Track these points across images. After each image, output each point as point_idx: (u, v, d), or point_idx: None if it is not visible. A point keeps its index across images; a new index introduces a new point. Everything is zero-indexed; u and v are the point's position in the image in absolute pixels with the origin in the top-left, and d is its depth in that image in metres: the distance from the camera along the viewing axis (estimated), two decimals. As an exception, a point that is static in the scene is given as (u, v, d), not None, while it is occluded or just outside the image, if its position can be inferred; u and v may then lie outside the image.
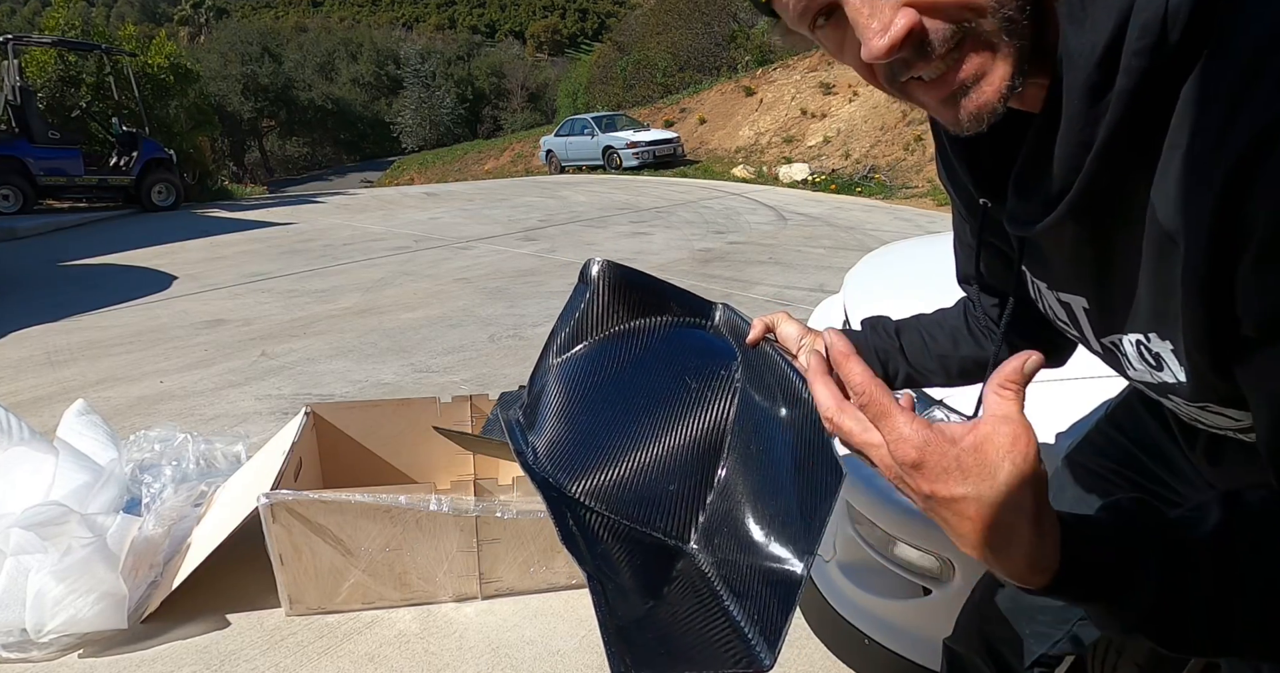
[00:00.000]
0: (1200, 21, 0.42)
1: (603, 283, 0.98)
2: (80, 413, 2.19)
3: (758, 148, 14.29)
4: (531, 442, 0.90)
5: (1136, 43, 0.44)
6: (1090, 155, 0.49)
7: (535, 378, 0.98)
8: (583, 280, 0.98)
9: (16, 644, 1.61)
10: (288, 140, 40.20)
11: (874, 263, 2.10)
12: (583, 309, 0.98)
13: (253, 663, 1.62)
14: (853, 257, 5.02)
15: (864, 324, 1.00)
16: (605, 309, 0.98)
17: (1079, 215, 0.53)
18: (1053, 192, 0.53)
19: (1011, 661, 1.13)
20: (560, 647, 1.65)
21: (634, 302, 1.00)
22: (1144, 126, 0.46)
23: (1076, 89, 0.47)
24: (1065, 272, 0.62)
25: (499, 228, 7.85)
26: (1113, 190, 0.50)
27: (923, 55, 0.51)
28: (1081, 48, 0.46)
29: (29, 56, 10.99)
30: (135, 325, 4.42)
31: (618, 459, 0.87)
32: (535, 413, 0.93)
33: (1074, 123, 0.49)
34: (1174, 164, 0.46)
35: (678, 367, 0.96)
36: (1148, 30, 0.44)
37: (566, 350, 0.97)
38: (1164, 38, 0.43)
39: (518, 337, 4.01)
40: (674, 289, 1.03)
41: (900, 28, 0.49)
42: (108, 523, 1.72)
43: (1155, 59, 0.44)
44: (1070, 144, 0.50)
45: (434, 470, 2.13)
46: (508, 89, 41.92)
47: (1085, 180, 0.50)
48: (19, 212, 9.43)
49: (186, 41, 43.33)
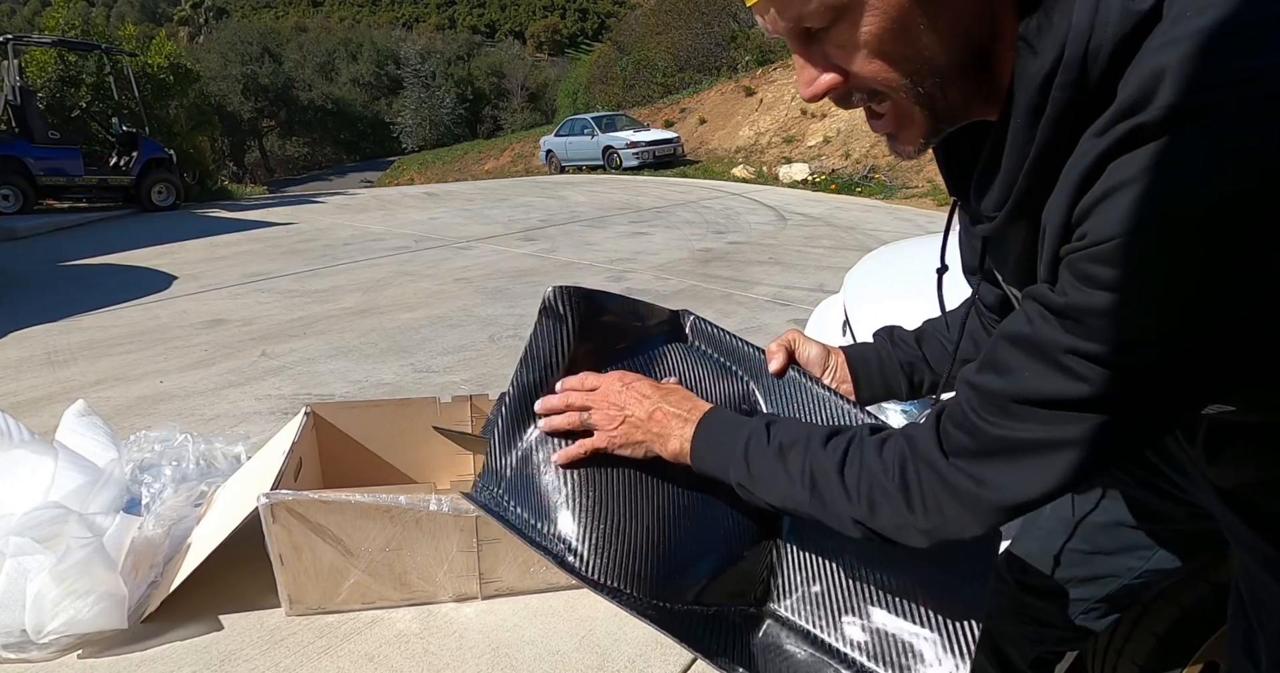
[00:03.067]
0: (1119, 62, 0.46)
1: (572, 315, 0.86)
2: (80, 414, 2.19)
3: (758, 148, 14.29)
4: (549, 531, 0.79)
5: (1062, 77, 0.49)
6: (1023, 169, 0.53)
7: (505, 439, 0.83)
8: (549, 315, 0.86)
9: (16, 645, 1.61)
10: (288, 140, 40.22)
11: (874, 263, 2.10)
12: (555, 348, 0.85)
13: (253, 663, 1.62)
14: (853, 257, 5.02)
15: (879, 336, 1.00)
16: (585, 345, 0.87)
17: (1017, 220, 0.58)
18: (998, 198, 0.58)
19: (1014, 657, 1.13)
20: (560, 647, 1.65)
21: (607, 329, 0.90)
22: (1069, 147, 0.50)
23: (1021, 108, 0.52)
24: (1015, 268, 0.67)
25: (499, 228, 7.85)
26: (1043, 200, 0.54)
27: (845, 102, 0.60)
28: (1029, 71, 0.51)
29: (29, 56, 10.98)
30: (135, 325, 4.42)
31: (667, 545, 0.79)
32: (532, 490, 0.80)
33: (1017, 138, 0.54)
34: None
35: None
36: (1070, 66, 0.48)
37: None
38: (1084, 76, 0.48)
39: (518, 337, 4.01)
40: (640, 306, 0.95)
41: (821, 85, 0.59)
42: (107, 523, 1.72)
43: (1076, 92, 0.48)
44: (1013, 157, 0.54)
45: (434, 470, 2.13)
46: (508, 89, 41.92)
47: (1020, 191, 0.55)
48: (19, 212, 9.41)
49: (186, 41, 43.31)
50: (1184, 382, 0.50)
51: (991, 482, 0.57)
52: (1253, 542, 0.70)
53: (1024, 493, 0.57)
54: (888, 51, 0.55)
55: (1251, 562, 0.72)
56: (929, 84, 0.56)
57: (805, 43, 0.59)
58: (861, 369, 0.96)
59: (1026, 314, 0.54)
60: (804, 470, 0.68)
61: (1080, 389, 0.51)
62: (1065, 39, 0.48)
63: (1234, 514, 0.71)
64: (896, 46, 0.54)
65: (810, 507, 0.68)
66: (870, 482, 0.64)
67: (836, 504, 0.66)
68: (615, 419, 0.79)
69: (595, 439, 0.80)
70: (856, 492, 0.64)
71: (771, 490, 0.71)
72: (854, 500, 0.64)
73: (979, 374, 0.58)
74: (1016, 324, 0.55)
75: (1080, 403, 0.51)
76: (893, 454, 0.63)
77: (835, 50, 0.57)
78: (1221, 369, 0.49)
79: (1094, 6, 0.47)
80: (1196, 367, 0.49)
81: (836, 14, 0.54)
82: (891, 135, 0.62)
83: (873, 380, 0.95)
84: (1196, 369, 0.49)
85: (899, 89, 0.56)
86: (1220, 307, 0.45)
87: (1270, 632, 0.73)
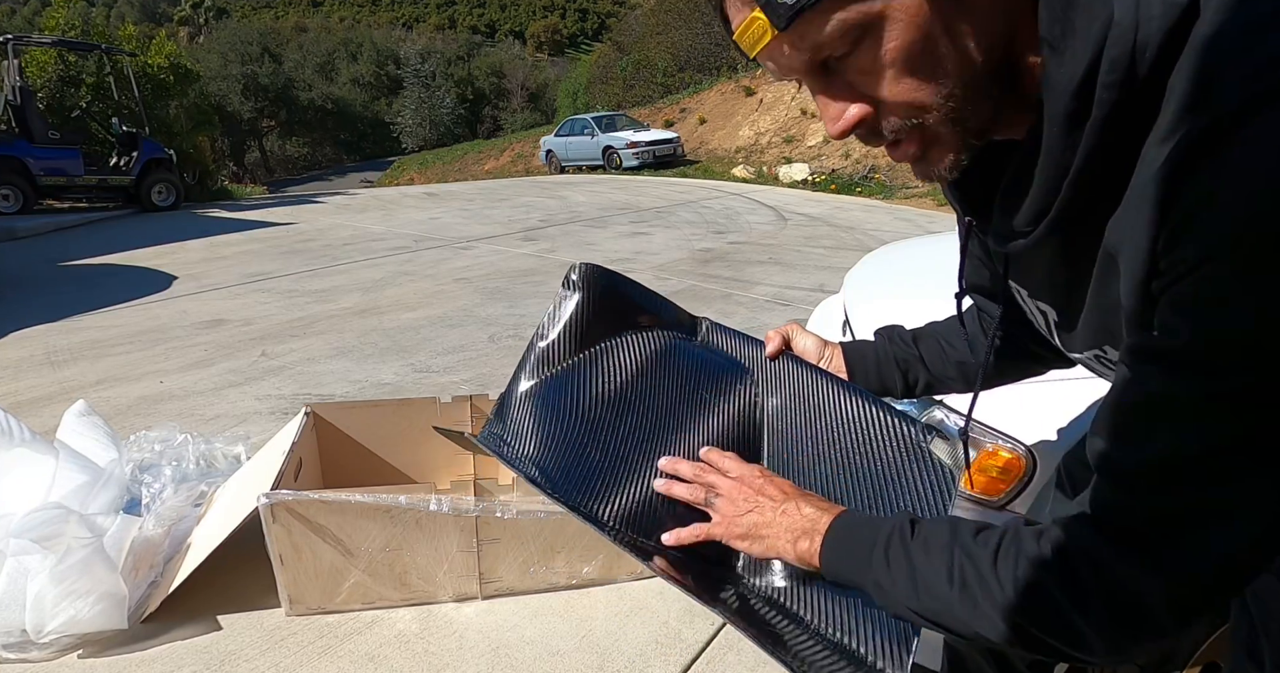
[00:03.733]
0: (1168, 57, 0.45)
1: (591, 290, 0.94)
2: (81, 414, 2.19)
3: (758, 148, 14.29)
4: (542, 465, 0.84)
5: (1107, 76, 0.47)
6: (1067, 180, 0.51)
7: (518, 390, 0.91)
8: (569, 286, 0.94)
9: (16, 645, 1.61)
10: (288, 140, 40.22)
11: (874, 263, 2.10)
12: (572, 316, 0.93)
13: (252, 663, 1.62)
14: (853, 257, 5.01)
15: (879, 335, 1.01)
16: (595, 317, 0.94)
17: (1055, 235, 0.56)
18: (1033, 212, 0.56)
19: (1012, 657, 1.13)
20: (560, 647, 1.65)
21: (623, 310, 0.96)
22: (1117, 154, 0.48)
23: (1057, 117, 0.50)
24: (1042, 282, 0.65)
25: (499, 228, 7.85)
26: (1086, 213, 0.53)
27: (876, 137, 0.57)
28: (1060, 78, 0.49)
29: (29, 56, 10.99)
30: (135, 325, 4.42)
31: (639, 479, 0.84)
32: (537, 429, 0.87)
33: (1054, 148, 0.51)
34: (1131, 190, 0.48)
35: (689, 382, 0.93)
36: (1117, 64, 0.46)
37: (556, 362, 0.92)
38: (1133, 73, 0.46)
39: (518, 337, 4.01)
40: (660, 299, 1.01)
41: (850, 118, 0.56)
42: (107, 524, 1.72)
43: (1125, 91, 0.46)
44: (1050, 168, 0.52)
45: (434, 470, 2.13)
46: (508, 89, 41.93)
47: (1062, 203, 0.53)
48: (19, 212, 9.42)
49: (186, 41, 43.31)
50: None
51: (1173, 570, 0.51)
52: None
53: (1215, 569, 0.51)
54: (917, 67, 0.52)
55: None
56: (959, 99, 0.53)
57: (825, 78, 0.56)
58: (857, 364, 0.97)
59: (1137, 375, 0.50)
60: (953, 565, 0.61)
61: (1234, 428, 0.47)
62: (1101, 39, 0.47)
63: None
64: (925, 61, 0.52)
65: (961, 608, 0.61)
66: (1033, 579, 0.57)
67: (991, 605, 0.59)
68: (745, 509, 0.77)
69: (713, 526, 0.78)
70: (1013, 588, 0.58)
71: (913, 588, 0.64)
72: (1011, 597, 0.58)
73: (1112, 450, 0.52)
74: (1129, 389, 0.51)
75: (1239, 442, 0.48)
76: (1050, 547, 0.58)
77: (860, 77, 0.54)
78: None
79: (1135, 1, 0.46)
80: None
81: (859, 34, 0.51)
82: (918, 158, 0.58)
83: (868, 376, 0.96)
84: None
85: (931, 109, 0.54)
86: None
87: (1273, 631, 0.72)
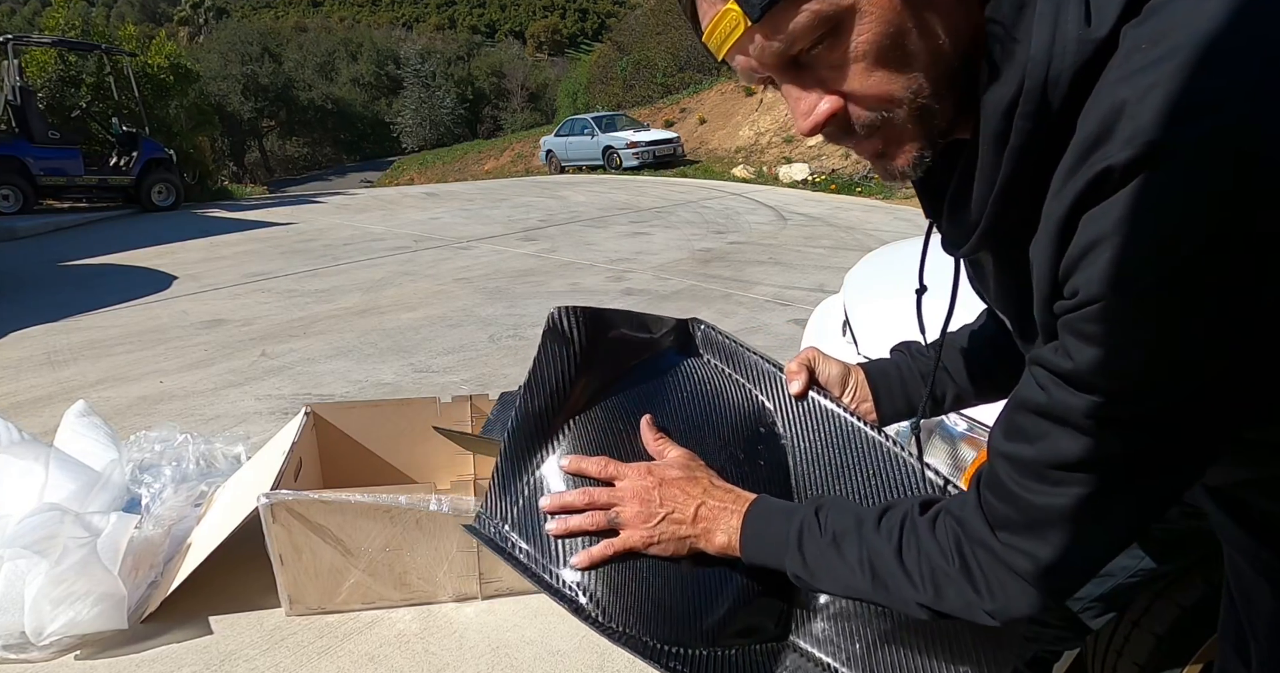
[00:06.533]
0: (1079, 93, 0.46)
1: (577, 336, 0.82)
2: (81, 414, 2.19)
3: (758, 148, 14.29)
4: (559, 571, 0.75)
5: (1024, 107, 0.48)
6: (991, 197, 0.53)
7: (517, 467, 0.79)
8: (553, 338, 0.82)
9: (16, 645, 1.61)
10: (288, 140, 40.22)
11: (874, 263, 2.10)
12: (561, 372, 0.81)
13: (252, 663, 1.62)
14: (853, 257, 5.02)
15: (897, 351, 0.98)
16: (587, 367, 0.83)
17: (989, 246, 0.58)
18: (970, 223, 0.57)
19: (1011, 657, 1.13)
20: (560, 647, 1.65)
21: (617, 348, 0.86)
22: (1036, 176, 0.50)
23: (988, 134, 0.52)
24: (995, 292, 0.66)
25: (499, 228, 7.85)
26: (1016, 227, 0.54)
27: (847, 134, 0.58)
28: (993, 97, 0.51)
29: (29, 56, 10.99)
30: (135, 325, 4.42)
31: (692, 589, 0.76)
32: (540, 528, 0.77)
33: (985, 165, 0.53)
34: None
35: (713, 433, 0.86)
36: (1031, 96, 0.48)
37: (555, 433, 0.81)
38: (1045, 106, 0.47)
39: (518, 337, 4.01)
40: (650, 318, 0.92)
41: (822, 112, 0.56)
42: (103, 523, 1.71)
43: (1039, 122, 0.48)
44: (982, 183, 0.54)
45: (434, 470, 2.13)
46: (508, 89, 41.90)
47: (989, 218, 0.54)
48: (19, 212, 9.42)
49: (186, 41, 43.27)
50: (1210, 417, 0.49)
51: (1046, 556, 0.56)
52: (1242, 540, 0.70)
53: (1082, 560, 0.56)
54: (887, 60, 0.53)
55: (1241, 560, 0.73)
56: (927, 94, 0.54)
57: (795, 71, 0.57)
58: (882, 385, 0.94)
59: (1038, 381, 0.53)
60: (862, 559, 0.67)
61: (1112, 447, 0.50)
62: (1024, 65, 0.48)
63: (1224, 513, 0.71)
64: (895, 54, 0.53)
65: (873, 594, 0.67)
66: (931, 566, 0.63)
67: (901, 590, 0.64)
68: (655, 516, 0.75)
69: (628, 537, 0.75)
70: (919, 576, 0.63)
71: (831, 581, 0.69)
72: (918, 586, 0.63)
73: (1008, 443, 0.57)
74: (1031, 392, 0.54)
75: (1116, 459, 0.51)
76: (946, 536, 0.62)
77: (830, 72, 0.55)
78: (1244, 396, 0.49)
79: (1051, 35, 0.47)
80: (1219, 401, 0.48)
81: (831, 26, 0.52)
82: (881, 154, 0.59)
83: (894, 396, 0.94)
84: (1220, 403, 0.48)
85: (900, 103, 0.55)
86: (1221, 345, 0.45)
87: (1260, 631, 0.73)
